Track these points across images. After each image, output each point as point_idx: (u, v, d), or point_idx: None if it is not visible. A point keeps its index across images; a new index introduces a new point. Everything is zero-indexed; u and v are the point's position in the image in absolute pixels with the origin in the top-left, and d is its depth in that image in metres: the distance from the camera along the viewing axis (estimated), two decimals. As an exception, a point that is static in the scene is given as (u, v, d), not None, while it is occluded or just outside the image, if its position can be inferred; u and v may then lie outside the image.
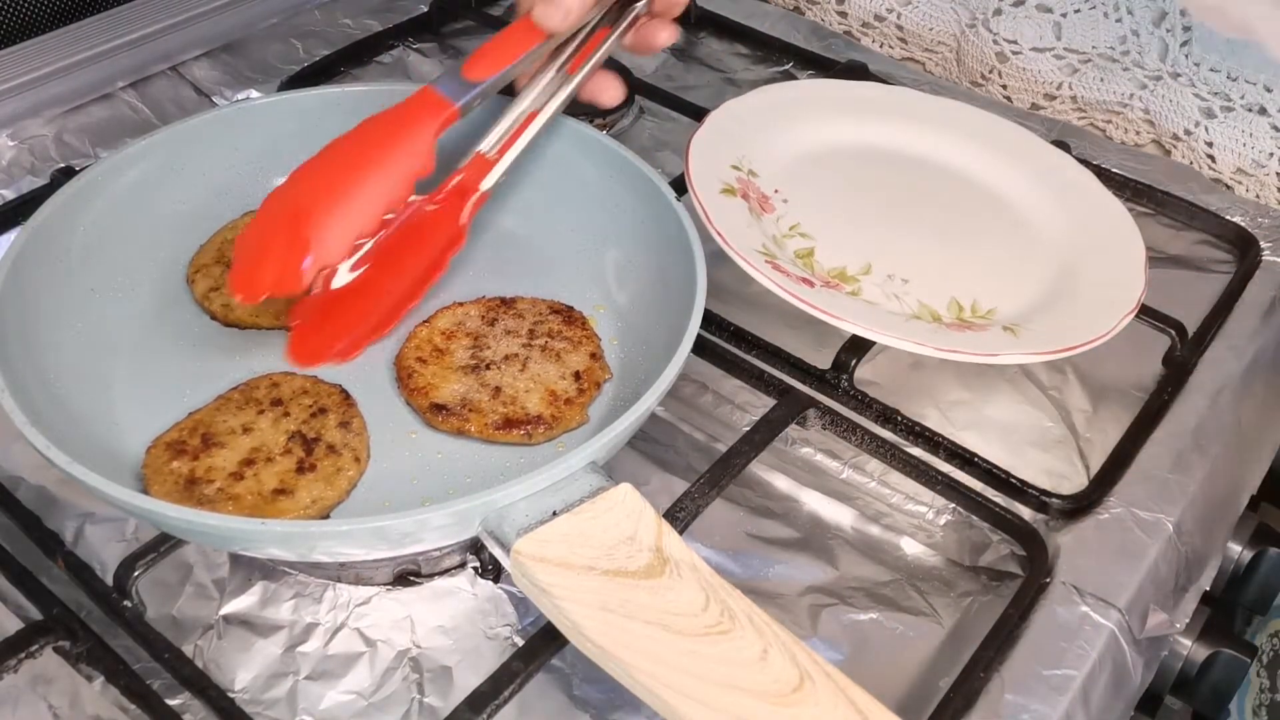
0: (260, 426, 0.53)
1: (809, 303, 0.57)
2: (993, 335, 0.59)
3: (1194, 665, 0.58)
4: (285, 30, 0.87)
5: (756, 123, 0.71)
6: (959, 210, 0.70)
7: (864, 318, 0.58)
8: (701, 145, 0.67)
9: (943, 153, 0.73)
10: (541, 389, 0.55)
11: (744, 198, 0.65)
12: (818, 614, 0.53)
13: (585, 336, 0.58)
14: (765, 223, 0.65)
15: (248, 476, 0.50)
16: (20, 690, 0.48)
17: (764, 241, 0.63)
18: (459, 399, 0.55)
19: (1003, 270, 0.65)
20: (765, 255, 0.61)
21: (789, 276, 0.60)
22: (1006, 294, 0.63)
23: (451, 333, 0.58)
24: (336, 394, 0.54)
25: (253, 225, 0.55)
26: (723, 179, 0.66)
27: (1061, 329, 0.59)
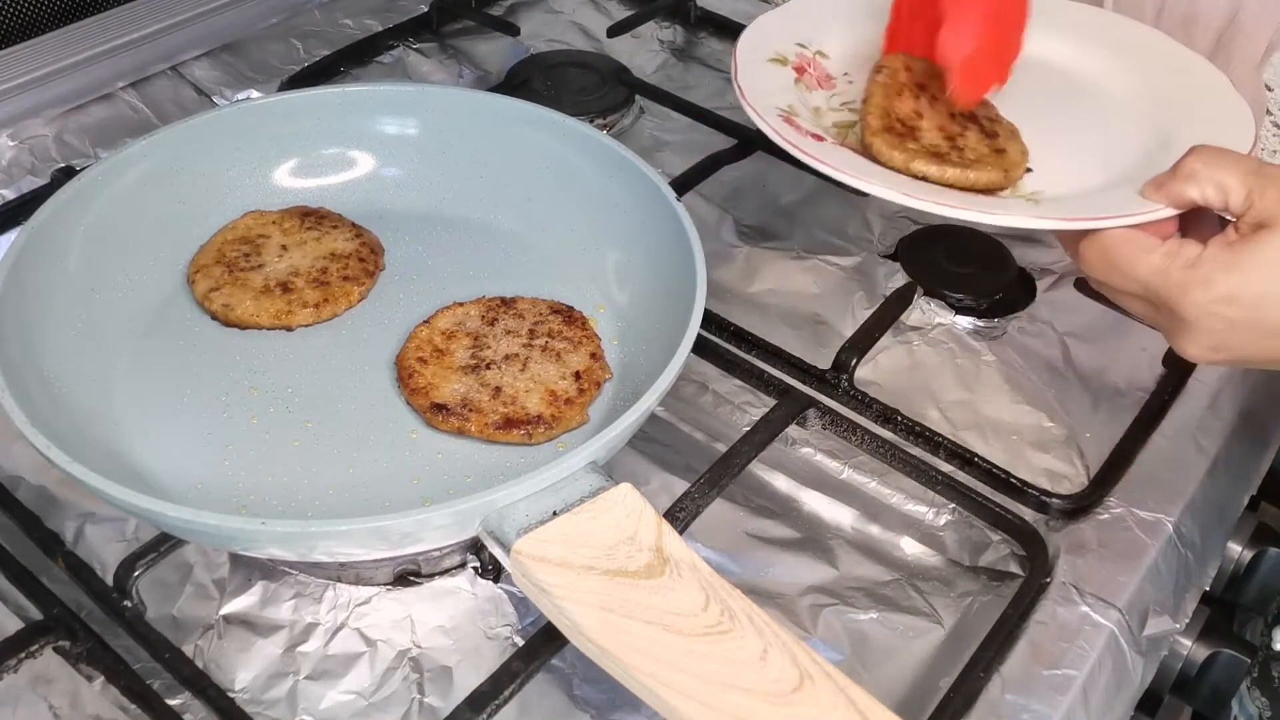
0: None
1: (801, 149, 0.53)
2: (1008, 201, 0.54)
3: (1194, 665, 0.58)
4: (285, 30, 0.87)
5: (843, 11, 0.67)
6: (1047, 102, 0.63)
7: (860, 170, 0.53)
8: (768, 20, 0.64)
9: (1049, 51, 0.65)
10: (542, 389, 0.55)
11: (797, 70, 0.62)
12: (818, 614, 0.53)
13: (585, 336, 0.58)
14: (815, 95, 0.62)
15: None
16: (20, 690, 0.48)
17: (793, 103, 0.59)
18: (459, 399, 0.55)
19: (1077, 164, 0.58)
20: (785, 113, 0.57)
21: (798, 131, 0.56)
22: (1065, 181, 0.57)
23: (452, 333, 0.58)
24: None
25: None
26: (777, 49, 0.63)
27: (1094, 205, 0.52)
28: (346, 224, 0.64)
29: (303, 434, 0.54)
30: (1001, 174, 0.55)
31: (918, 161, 0.54)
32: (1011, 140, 0.57)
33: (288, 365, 0.57)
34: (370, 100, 0.66)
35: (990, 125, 0.58)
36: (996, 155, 0.56)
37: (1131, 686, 0.53)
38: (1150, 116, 0.61)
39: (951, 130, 0.57)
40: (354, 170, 0.67)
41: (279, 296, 0.59)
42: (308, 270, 0.61)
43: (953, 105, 0.58)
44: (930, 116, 0.57)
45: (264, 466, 0.53)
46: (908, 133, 0.55)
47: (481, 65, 0.86)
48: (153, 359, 0.57)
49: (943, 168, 0.54)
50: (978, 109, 0.59)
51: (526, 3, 0.93)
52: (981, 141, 0.57)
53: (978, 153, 0.56)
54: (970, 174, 0.54)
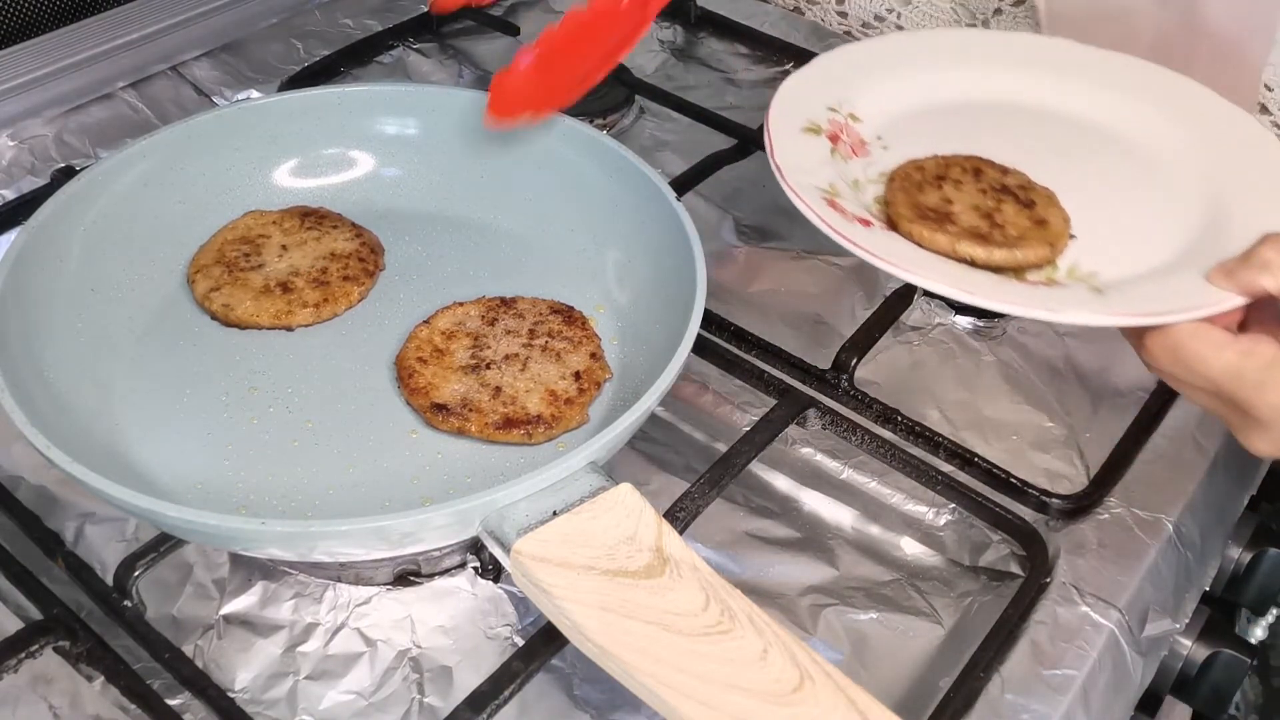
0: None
1: (848, 238, 0.51)
2: (1071, 292, 0.52)
3: (1194, 665, 0.58)
4: (285, 30, 0.87)
5: (871, 67, 0.65)
6: (1085, 164, 0.61)
7: (911, 260, 0.51)
8: (797, 84, 0.62)
9: (1086, 105, 0.63)
10: (542, 389, 0.55)
11: (831, 139, 0.59)
12: (818, 614, 0.53)
13: (585, 336, 0.58)
14: (852, 166, 0.59)
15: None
16: (20, 690, 0.48)
17: (834, 181, 0.56)
18: (459, 399, 0.55)
19: (1125, 235, 0.56)
20: (827, 194, 0.55)
21: (842, 215, 0.53)
22: (1118, 258, 0.54)
23: (452, 333, 0.58)
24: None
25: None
26: (810, 117, 0.60)
27: (1159, 292, 0.50)
28: (346, 224, 0.64)
29: (303, 434, 0.54)
30: (1047, 248, 0.53)
31: (963, 244, 0.52)
32: (1050, 207, 0.56)
33: (288, 365, 0.57)
34: (370, 100, 0.66)
35: (1025, 194, 0.56)
36: (1038, 227, 0.54)
37: (1131, 686, 0.53)
38: (1194, 174, 0.59)
39: (986, 206, 0.55)
40: (354, 170, 0.67)
41: (279, 296, 0.59)
42: (308, 270, 0.61)
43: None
44: (960, 199, 0.56)
45: (264, 466, 0.53)
46: (943, 218, 0.54)
47: (481, 65, 0.86)
48: (153, 359, 0.57)
49: (989, 249, 0.52)
50: (1008, 178, 0.57)
51: (526, 3, 0.93)
52: (1020, 214, 0.55)
53: (1019, 227, 0.54)
54: (1018, 253, 0.52)
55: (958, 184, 0.57)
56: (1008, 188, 0.57)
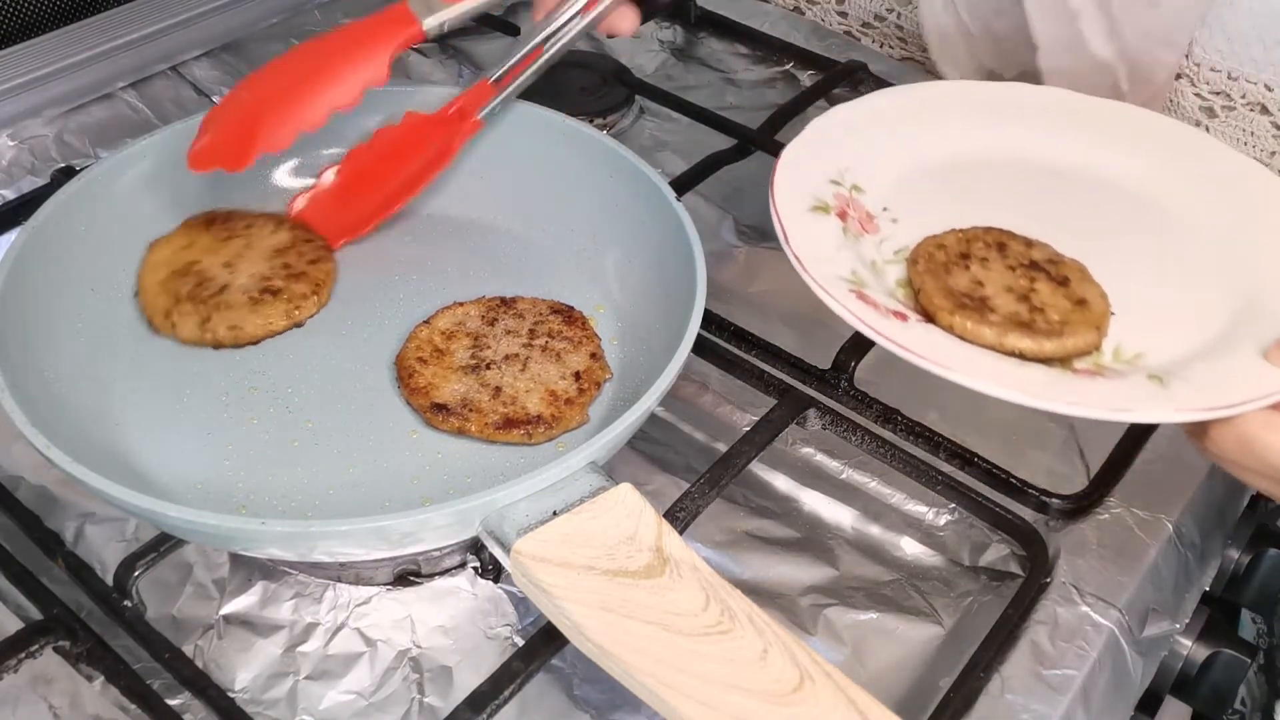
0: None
1: (893, 340, 0.48)
2: (1134, 385, 0.49)
3: (1194, 665, 0.57)
4: (285, 30, 0.87)
5: (868, 130, 0.62)
6: (1112, 231, 0.58)
7: (963, 361, 0.49)
8: (796, 155, 0.58)
9: (1094, 161, 0.61)
10: (542, 389, 0.55)
11: (840, 216, 0.56)
12: (818, 614, 0.53)
13: (585, 336, 0.58)
14: (864, 245, 0.56)
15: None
16: (20, 690, 0.48)
17: (855, 267, 0.54)
18: (459, 399, 0.55)
19: (1164, 308, 0.54)
20: (853, 284, 0.52)
21: (877, 310, 0.51)
22: (1163, 335, 0.52)
23: (452, 333, 0.58)
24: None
25: (223, 103, 0.60)
26: (816, 195, 0.57)
27: (1223, 380, 0.48)
28: (255, 216, 0.63)
29: (303, 434, 0.54)
30: (1094, 332, 0.51)
31: (1010, 337, 0.50)
32: (1085, 283, 0.54)
33: (288, 365, 0.57)
34: (370, 100, 0.66)
35: (1056, 269, 0.55)
36: (1079, 309, 0.52)
37: (1131, 686, 0.53)
38: (1218, 232, 0.57)
39: (1020, 286, 0.53)
40: (354, 170, 0.67)
41: (272, 301, 0.59)
42: (274, 271, 0.60)
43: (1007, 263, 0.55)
44: (991, 280, 0.53)
45: (264, 466, 0.53)
46: (979, 305, 0.52)
47: (482, 65, 0.86)
48: (153, 359, 0.57)
49: (1037, 340, 0.50)
50: (1034, 251, 0.56)
51: (526, 3, 0.93)
52: (1057, 294, 0.53)
53: (1060, 310, 0.52)
54: (1067, 342, 0.50)
55: (984, 262, 0.55)
56: (1037, 263, 0.55)
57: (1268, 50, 0.75)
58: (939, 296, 0.52)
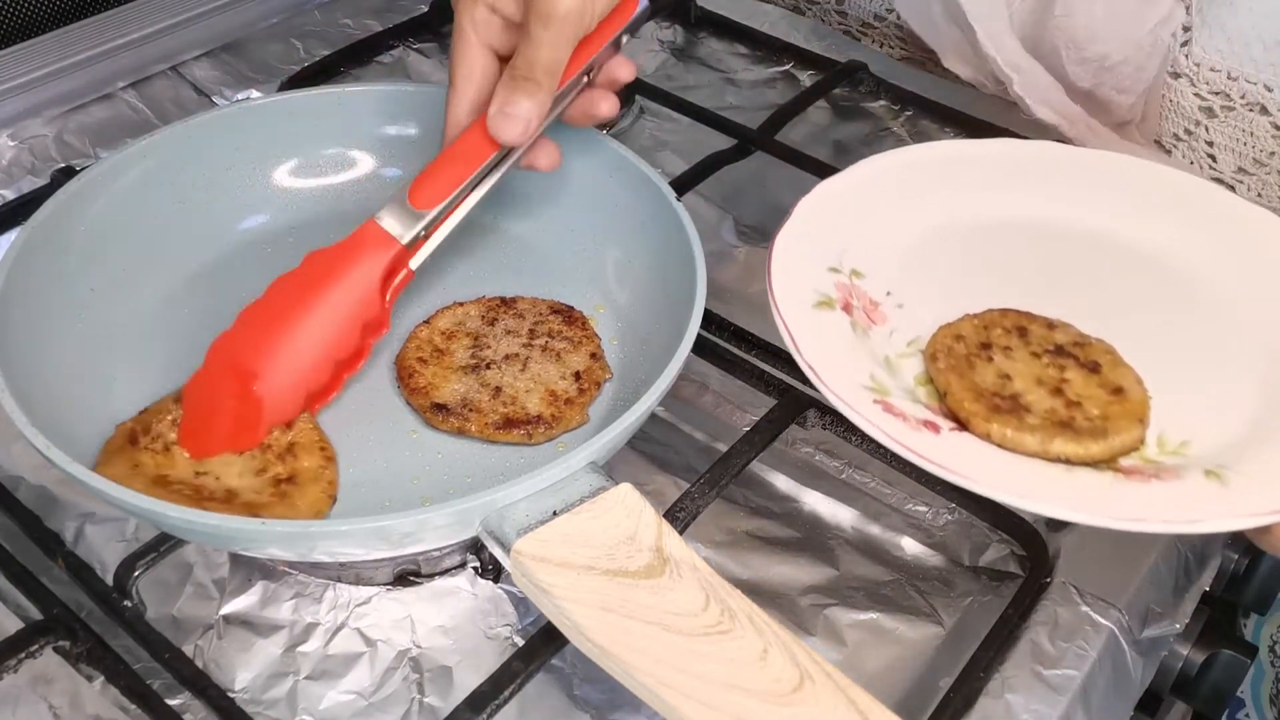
0: None
1: (932, 460, 0.45)
2: (1192, 486, 0.45)
3: (1194, 665, 0.57)
4: (285, 30, 0.87)
5: (859, 205, 0.57)
6: (1139, 303, 0.55)
7: (1009, 477, 0.46)
8: (789, 243, 0.54)
9: (1107, 224, 0.57)
10: (542, 389, 0.55)
11: (845, 309, 0.53)
12: (818, 614, 0.53)
13: (585, 336, 0.58)
14: (874, 339, 0.52)
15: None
16: (20, 690, 0.48)
17: (873, 370, 0.50)
18: (459, 399, 0.55)
19: (1199, 385, 0.51)
20: (875, 391, 0.49)
21: (906, 423, 0.47)
22: (1205, 419, 0.49)
23: (452, 333, 0.58)
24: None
25: (201, 378, 0.52)
26: (817, 288, 0.53)
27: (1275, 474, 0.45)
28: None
29: (303, 434, 0.54)
30: (1138, 425, 0.48)
31: (1055, 443, 0.47)
32: (1118, 368, 0.51)
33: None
34: (370, 100, 0.66)
35: (1084, 354, 0.51)
36: (1118, 400, 0.49)
37: (1131, 686, 0.53)
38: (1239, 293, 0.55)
39: (1050, 378, 0.50)
40: (354, 170, 0.67)
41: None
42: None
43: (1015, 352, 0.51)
44: (1018, 372, 0.50)
45: (264, 466, 0.53)
46: (1014, 406, 0.49)
47: (481, 65, 0.86)
48: (153, 359, 0.57)
49: (1082, 442, 0.47)
50: (1057, 334, 0.52)
51: (526, 3, 0.93)
52: (1090, 383, 0.50)
53: (1098, 402, 0.49)
54: (1114, 442, 0.47)
55: (1007, 351, 0.52)
56: (1063, 348, 0.52)
57: (1267, 50, 0.75)
58: (970, 401, 0.49)
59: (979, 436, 0.48)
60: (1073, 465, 0.47)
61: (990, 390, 0.49)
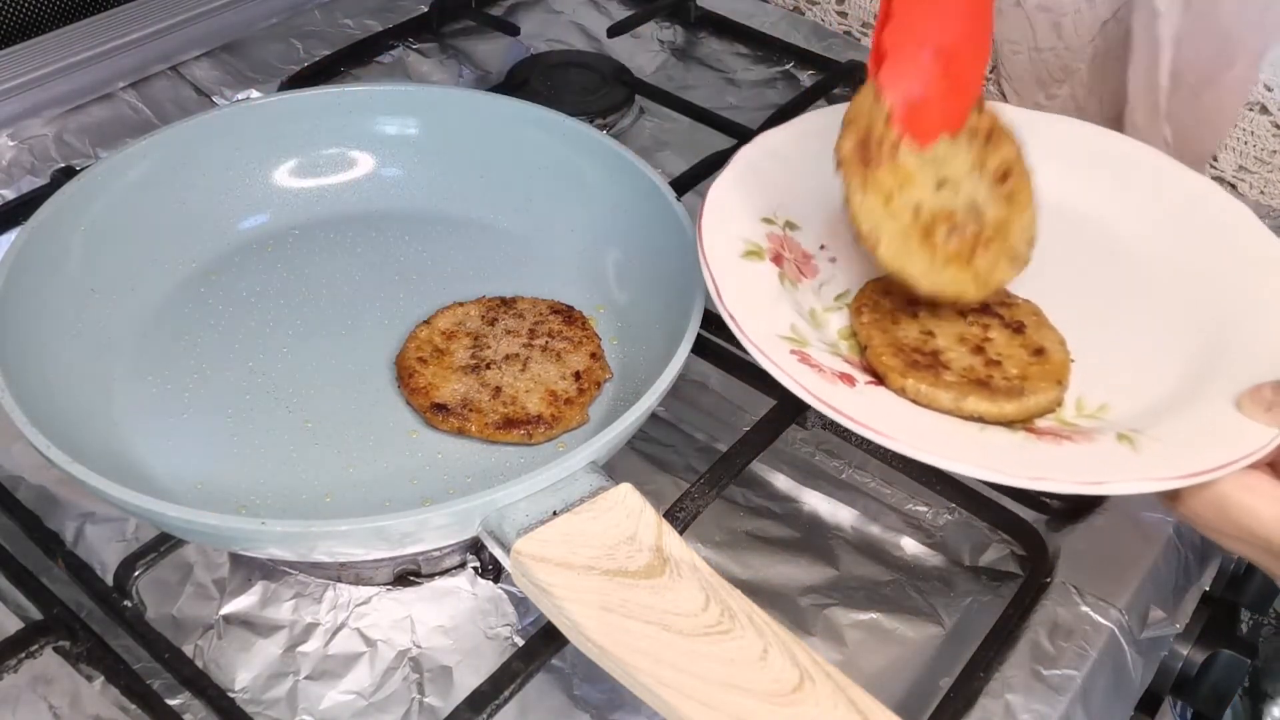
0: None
1: (842, 411, 0.44)
2: (1103, 448, 0.45)
3: (1194, 665, 0.58)
4: (285, 30, 0.87)
5: (801, 158, 0.56)
6: (1070, 265, 0.54)
7: (917, 432, 0.45)
8: (723, 194, 0.54)
9: (1050, 184, 0.54)
10: (542, 389, 0.55)
11: (775, 261, 0.52)
12: (818, 614, 0.53)
13: (585, 336, 0.58)
14: (802, 292, 0.52)
15: None
16: (20, 690, 0.48)
17: (794, 321, 0.49)
18: (459, 399, 0.55)
19: (1123, 350, 0.51)
20: (793, 341, 0.48)
21: (821, 374, 0.47)
22: (1126, 385, 0.49)
23: (452, 332, 0.58)
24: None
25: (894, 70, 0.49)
26: (747, 237, 0.52)
27: (1197, 438, 0.45)
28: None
29: (303, 434, 0.54)
30: (1056, 387, 0.48)
31: (969, 400, 0.46)
32: (1041, 329, 0.51)
33: (288, 365, 0.57)
34: (370, 100, 0.66)
35: (1010, 314, 0.51)
36: (1039, 360, 0.49)
37: (1131, 686, 0.53)
38: (1170, 260, 0.54)
39: (973, 336, 0.50)
40: (354, 170, 0.67)
41: None
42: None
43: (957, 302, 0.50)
44: (942, 330, 0.50)
45: (264, 466, 0.53)
46: (932, 362, 0.48)
47: (481, 65, 0.86)
48: (153, 359, 0.57)
49: (997, 401, 0.46)
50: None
51: (526, 3, 0.93)
52: (1013, 343, 0.50)
53: (1018, 362, 0.49)
54: (1029, 402, 0.47)
55: (933, 308, 0.51)
56: (989, 308, 0.51)
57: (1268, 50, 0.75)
58: (888, 355, 0.48)
59: (894, 391, 0.48)
60: (986, 424, 0.47)
61: (911, 346, 0.49)
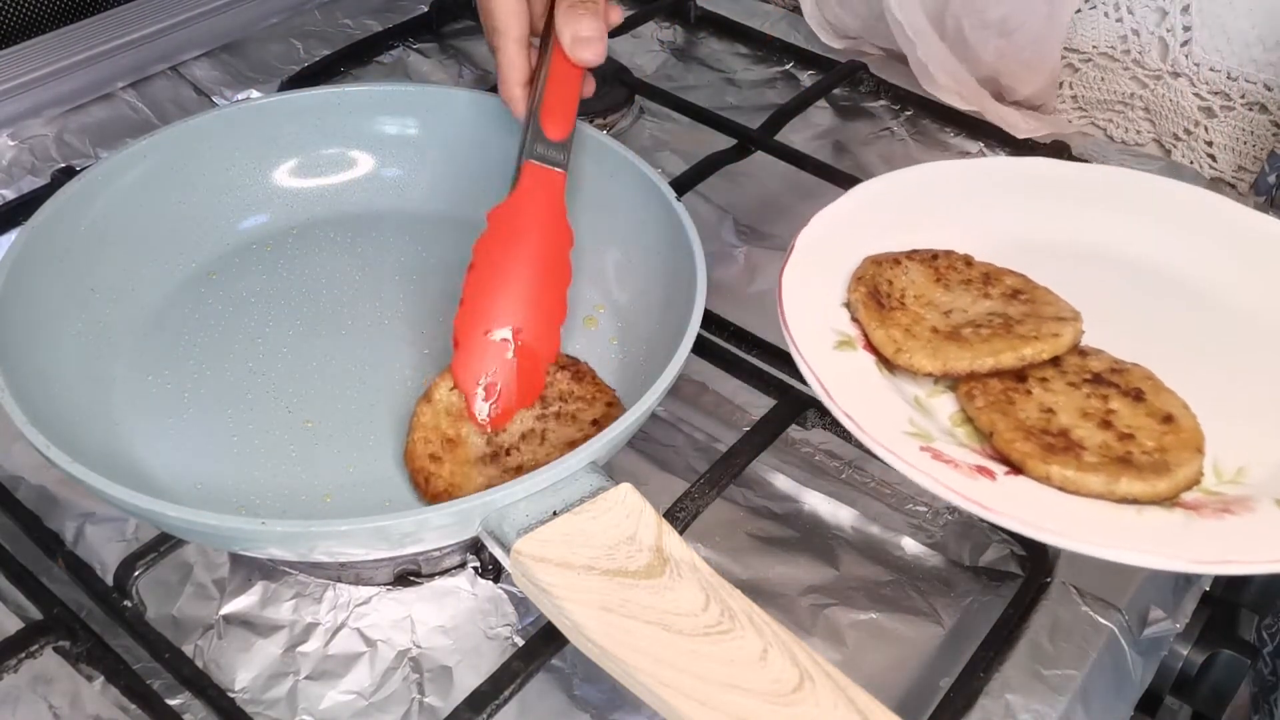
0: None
1: (998, 510, 0.42)
2: (1267, 517, 0.43)
3: (1194, 665, 0.57)
4: (285, 30, 0.87)
5: (860, 232, 0.54)
6: (1163, 324, 0.53)
7: (1085, 526, 0.43)
8: (796, 282, 0.51)
9: (1129, 241, 0.55)
10: (565, 448, 0.52)
11: (868, 349, 0.50)
12: (818, 614, 0.53)
13: (597, 391, 0.55)
14: (902, 382, 0.50)
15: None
16: (20, 690, 0.48)
17: (910, 414, 0.47)
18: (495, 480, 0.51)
19: (1242, 407, 0.49)
20: (919, 437, 0.46)
21: (958, 469, 0.44)
22: (1256, 442, 0.47)
23: (458, 413, 0.53)
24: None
25: (463, 359, 0.54)
26: (835, 327, 0.50)
27: None
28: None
29: (303, 434, 0.54)
30: (1198, 456, 0.46)
31: (1123, 481, 0.44)
32: (1161, 394, 0.49)
33: (288, 366, 0.57)
34: (370, 100, 0.66)
35: (1124, 381, 0.49)
36: (1171, 429, 0.47)
37: (1131, 686, 0.53)
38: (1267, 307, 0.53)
39: (1095, 409, 0.47)
40: (354, 170, 0.67)
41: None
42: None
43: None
44: (1061, 406, 0.47)
45: (264, 466, 0.53)
46: (1067, 444, 0.46)
47: (481, 65, 0.86)
48: (153, 359, 0.57)
49: (1147, 480, 0.44)
50: (1090, 361, 0.50)
51: (526, 2, 0.93)
52: (1138, 412, 0.47)
53: (1151, 433, 0.46)
54: (1179, 476, 0.44)
55: (1044, 383, 0.49)
56: (1101, 376, 0.49)
57: (1268, 50, 0.75)
58: (1020, 441, 0.46)
59: (1037, 479, 0.45)
60: (1140, 505, 0.45)
61: (1038, 427, 0.47)
